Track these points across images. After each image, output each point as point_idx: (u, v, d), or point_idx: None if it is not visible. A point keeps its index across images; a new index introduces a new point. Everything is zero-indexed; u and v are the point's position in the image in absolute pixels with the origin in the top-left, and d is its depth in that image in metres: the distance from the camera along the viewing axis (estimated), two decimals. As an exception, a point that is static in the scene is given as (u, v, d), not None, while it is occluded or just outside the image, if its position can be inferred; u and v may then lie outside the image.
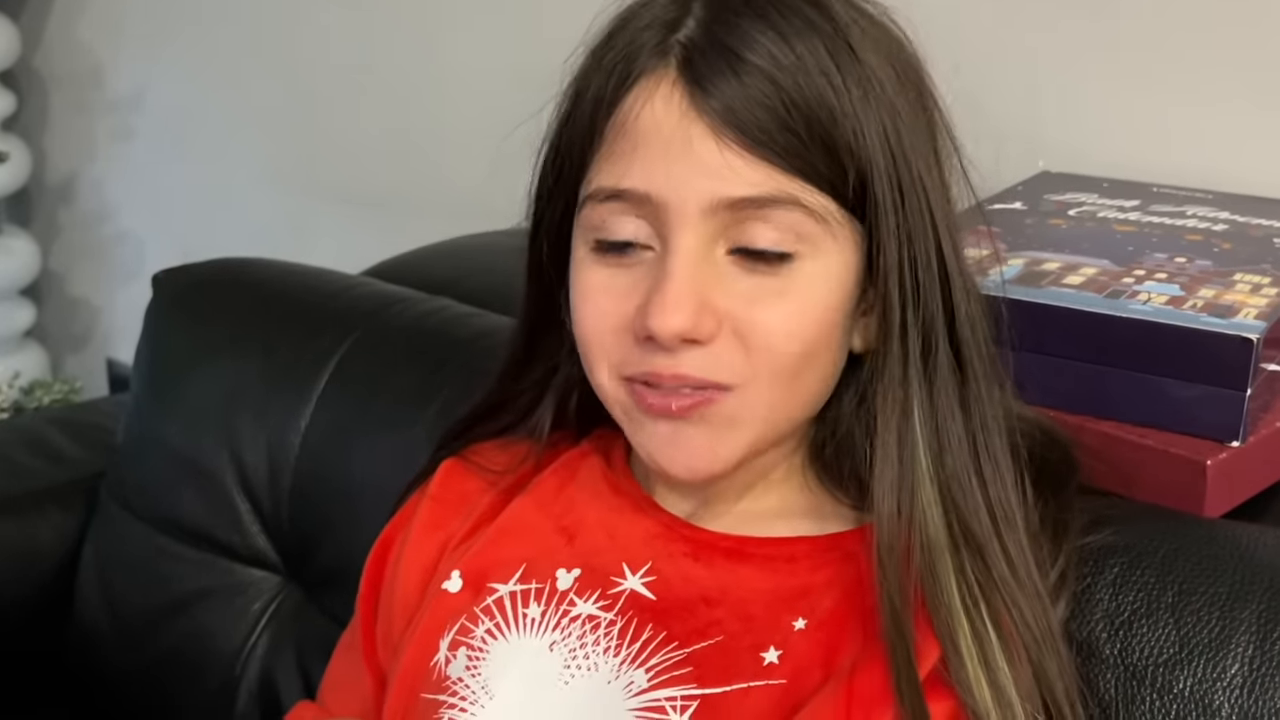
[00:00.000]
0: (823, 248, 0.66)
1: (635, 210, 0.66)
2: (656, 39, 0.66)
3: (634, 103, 0.65)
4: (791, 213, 0.64)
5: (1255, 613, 0.69)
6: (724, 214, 0.64)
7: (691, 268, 0.64)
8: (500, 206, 0.98)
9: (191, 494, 1.08)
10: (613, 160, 0.66)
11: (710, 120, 0.63)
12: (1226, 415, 0.76)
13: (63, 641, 1.15)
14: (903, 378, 0.66)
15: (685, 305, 0.64)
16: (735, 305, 0.65)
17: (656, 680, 0.67)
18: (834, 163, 0.64)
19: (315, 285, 1.12)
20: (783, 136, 0.63)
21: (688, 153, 0.64)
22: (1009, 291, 0.76)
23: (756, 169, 0.63)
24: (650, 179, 0.65)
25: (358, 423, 1.02)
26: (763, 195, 0.64)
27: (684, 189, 0.64)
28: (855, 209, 0.66)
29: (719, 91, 0.63)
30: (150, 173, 1.93)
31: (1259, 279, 0.83)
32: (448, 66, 1.56)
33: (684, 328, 0.64)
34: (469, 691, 0.70)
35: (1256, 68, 1.05)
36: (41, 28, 2.01)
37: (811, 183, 0.64)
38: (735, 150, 0.63)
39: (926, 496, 0.65)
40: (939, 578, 0.64)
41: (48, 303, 2.10)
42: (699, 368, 0.65)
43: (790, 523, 0.71)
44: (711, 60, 0.64)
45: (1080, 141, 1.11)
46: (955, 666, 0.63)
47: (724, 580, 0.69)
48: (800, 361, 0.66)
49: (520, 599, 0.72)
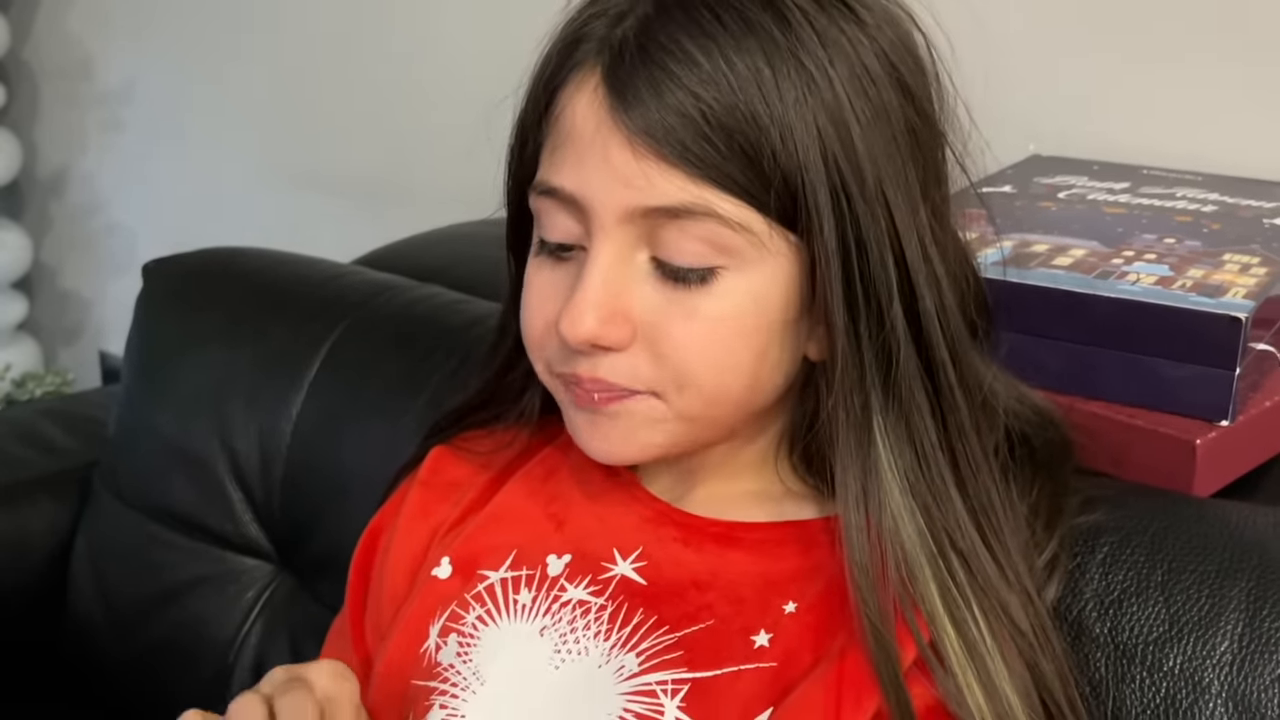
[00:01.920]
0: (748, 260, 0.64)
1: (566, 208, 0.65)
2: (600, 32, 0.65)
3: (565, 99, 0.65)
4: (705, 223, 0.62)
5: (1244, 590, 0.69)
6: (640, 222, 0.63)
7: (605, 275, 0.64)
8: (489, 195, 0.98)
9: (183, 483, 1.08)
10: (550, 153, 0.66)
11: (626, 130, 0.62)
12: (1216, 395, 0.76)
13: (57, 631, 1.15)
14: (859, 389, 0.64)
15: (593, 313, 0.64)
16: (649, 316, 0.64)
17: (647, 664, 0.67)
18: (756, 174, 0.62)
19: (305, 274, 1.12)
20: (698, 147, 0.61)
21: (605, 160, 0.63)
22: (996, 274, 0.76)
23: (671, 179, 0.62)
24: (574, 180, 0.64)
25: (349, 410, 1.02)
26: (676, 205, 0.62)
27: (602, 195, 0.63)
28: (786, 220, 0.63)
29: (637, 101, 0.62)
30: (141, 164, 1.93)
31: (1248, 259, 0.83)
32: (437, 55, 1.56)
33: (589, 335, 0.64)
34: (460, 678, 0.70)
35: (1245, 50, 1.05)
36: (31, 20, 2.01)
37: (730, 193, 0.62)
38: (650, 160, 0.62)
39: (896, 506, 0.64)
40: (919, 589, 0.63)
41: (39, 295, 2.10)
42: (615, 373, 0.65)
43: (776, 507, 0.71)
44: (635, 67, 0.62)
45: (1070, 125, 1.11)
46: (941, 679, 0.62)
47: (714, 564, 0.69)
48: (714, 380, 0.65)
49: (511, 585, 0.72)
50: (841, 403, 0.64)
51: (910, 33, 0.67)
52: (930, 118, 0.67)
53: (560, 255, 0.67)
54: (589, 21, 0.66)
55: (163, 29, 1.85)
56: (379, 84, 1.62)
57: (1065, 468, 0.73)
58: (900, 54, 0.66)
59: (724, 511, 0.71)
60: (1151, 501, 0.74)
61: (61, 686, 1.16)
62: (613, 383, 0.65)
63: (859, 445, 0.64)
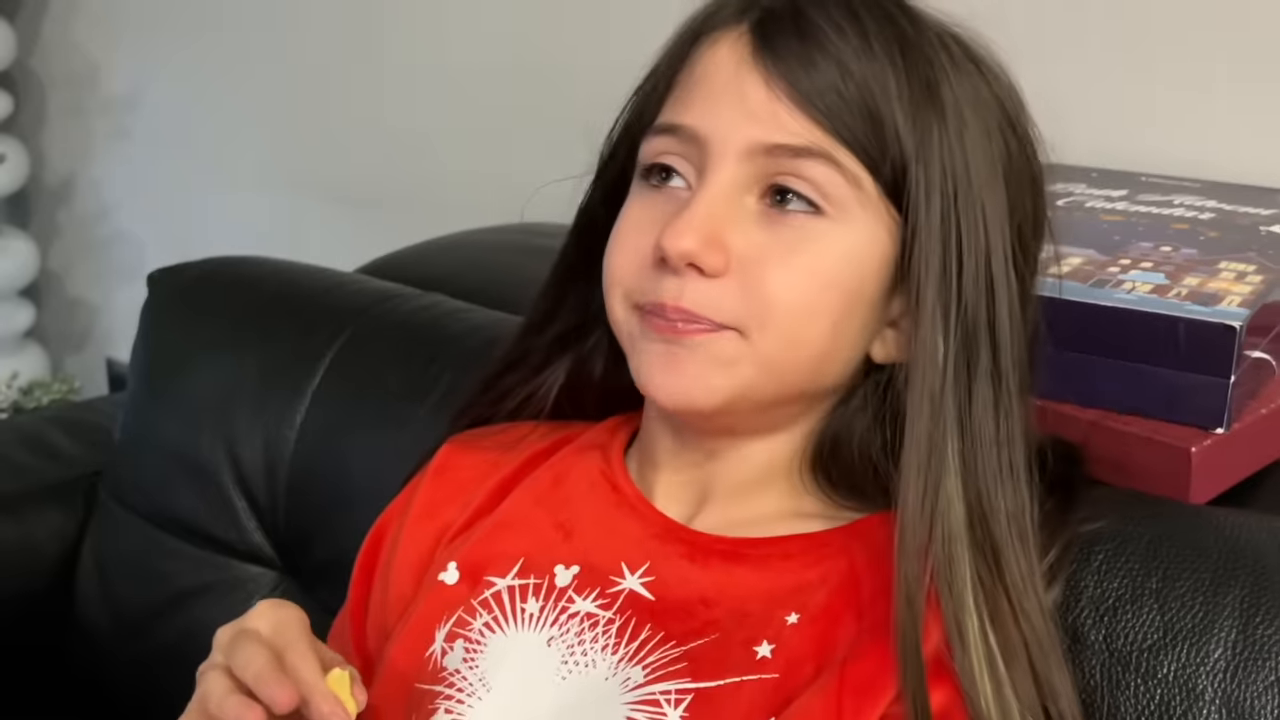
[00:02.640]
0: (850, 215, 0.67)
1: (683, 147, 0.68)
2: (742, 2, 0.69)
3: (703, 51, 0.69)
4: (824, 168, 0.66)
5: (1238, 598, 0.69)
6: (761, 160, 0.66)
7: (716, 201, 0.66)
8: (492, 204, 0.99)
9: (188, 491, 1.09)
10: (674, 99, 0.69)
11: (765, 71, 0.66)
12: (1211, 402, 0.76)
13: (63, 637, 1.16)
14: (940, 374, 0.66)
15: (698, 230, 0.66)
16: (747, 249, 0.66)
17: (652, 676, 0.68)
18: (877, 138, 0.66)
19: (309, 282, 1.13)
20: (830, 98, 0.65)
21: (739, 97, 0.66)
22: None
23: (799, 121, 0.66)
24: (700, 117, 0.68)
25: (352, 418, 1.03)
26: (800, 144, 0.66)
27: (727, 129, 0.66)
28: (893, 194, 0.67)
29: (781, 48, 0.66)
30: (147, 173, 1.94)
31: (1243, 267, 0.84)
32: (443, 64, 1.56)
33: (690, 249, 0.65)
34: (465, 683, 0.70)
35: (1245, 57, 1.06)
36: (37, 29, 2.02)
37: (849, 147, 0.66)
38: (783, 102, 0.66)
39: (951, 490, 0.65)
40: (955, 570, 0.64)
41: (47, 303, 2.11)
42: (700, 303, 0.66)
43: (784, 524, 0.72)
44: (782, 23, 0.67)
45: (1069, 132, 1.11)
46: (960, 655, 0.63)
47: (720, 581, 0.70)
48: (798, 323, 0.67)
49: (519, 593, 0.72)
50: (921, 384, 0.66)
51: (1008, 83, 0.71)
52: (1025, 157, 0.71)
53: (660, 191, 0.69)
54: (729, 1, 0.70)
55: (169, 38, 1.86)
56: (384, 93, 1.63)
57: (1077, 484, 0.74)
58: (1005, 93, 0.71)
59: (737, 533, 0.72)
60: (1147, 509, 0.75)
61: (68, 692, 1.17)
62: (696, 313, 0.66)
63: (932, 428, 0.66)
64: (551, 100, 0.75)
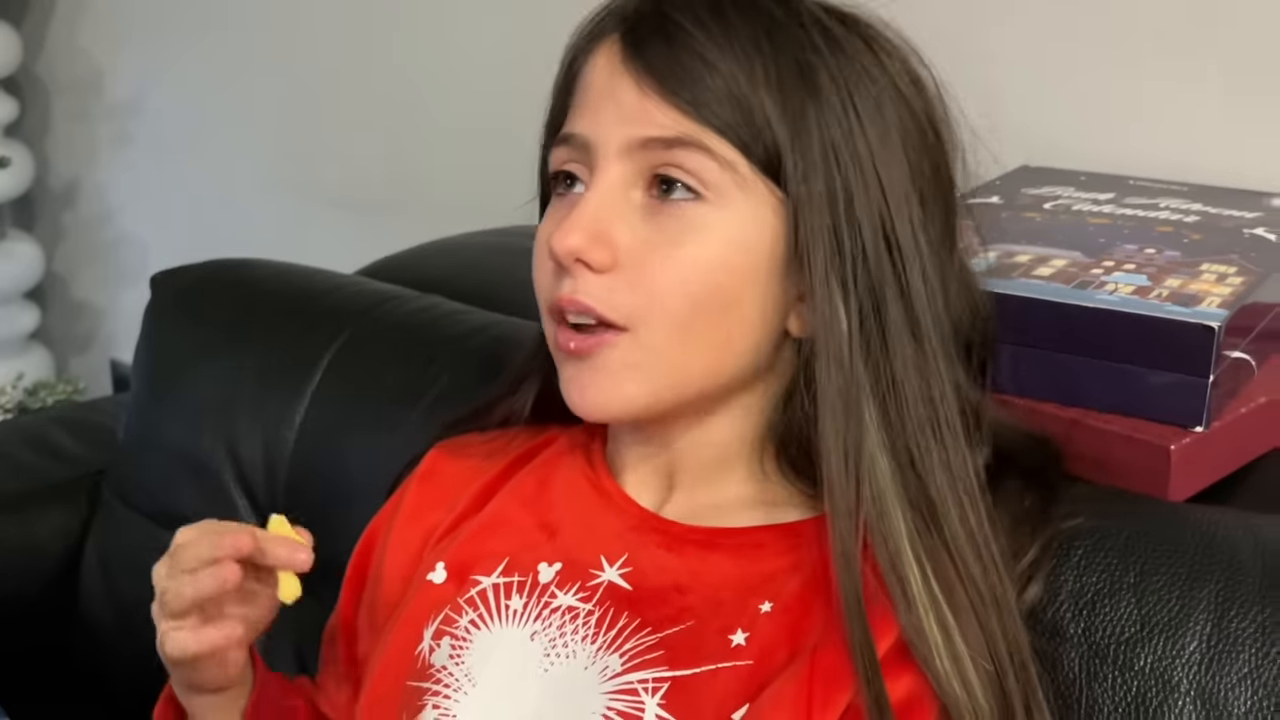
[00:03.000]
0: (730, 198, 0.69)
1: (577, 154, 0.71)
2: (620, 11, 0.72)
3: (585, 63, 0.72)
4: (695, 155, 0.68)
5: (1213, 592, 0.71)
6: (639, 155, 0.69)
7: (602, 200, 0.69)
8: (490, 206, 1.00)
9: (190, 490, 1.10)
10: (570, 111, 0.73)
11: (634, 73, 0.69)
12: (1190, 401, 0.78)
13: (67, 634, 1.17)
14: (845, 332, 0.67)
15: (584, 229, 0.69)
16: (632, 243, 0.69)
17: (629, 664, 0.69)
18: (746, 121, 0.68)
19: (308, 284, 1.14)
20: (697, 88, 0.68)
21: (614, 100, 0.70)
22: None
23: (668, 114, 0.68)
24: (585, 124, 0.71)
25: (350, 418, 1.04)
26: (670, 135, 0.68)
27: (607, 131, 0.70)
28: (771, 173, 0.69)
29: (647, 48, 0.69)
30: (151, 176, 1.95)
31: (1225, 268, 0.85)
32: (442, 68, 1.57)
33: (575, 246, 0.68)
34: (452, 679, 0.72)
35: (1233, 61, 1.06)
36: (43, 34, 2.03)
37: (720, 133, 0.68)
38: (652, 98, 0.69)
39: (872, 447, 0.67)
40: (888, 525, 0.66)
41: (52, 305, 2.12)
42: (593, 296, 0.69)
43: (756, 512, 0.73)
44: (649, 25, 0.70)
45: (1059, 136, 1.13)
46: (904, 611, 0.65)
47: (695, 567, 0.71)
48: (694, 310, 0.69)
49: (503, 591, 0.74)
50: (824, 346, 0.68)
51: (911, 61, 0.72)
52: (924, 126, 0.71)
53: (568, 196, 0.72)
54: (611, 8, 0.73)
55: (173, 44, 1.87)
56: (384, 97, 1.64)
57: (1055, 481, 0.75)
58: (899, 69, 0.71)
59: (708, 520, 0.73)
60: (1125, 505, 0.76)
61: (72, 689, 1.18)
62: (589, 305, 0.69)
63: (843, 386, 0.67)
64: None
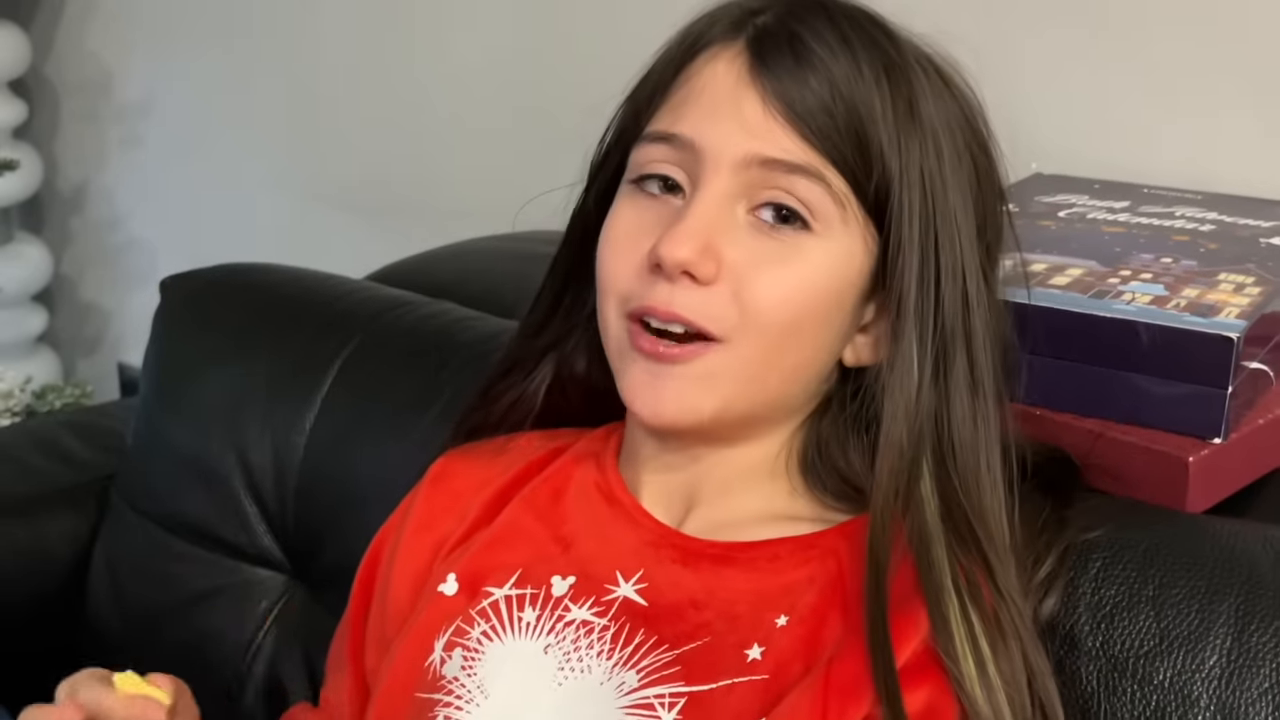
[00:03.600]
0: (834, 231, 0.69)
1: (677, 156, 0.71)
2: (735, 17, 0.72)
3: (701, 64, 0.71)
4: (814, 186, 0.69)
5: (1233, 606, 0.70)
6: (754, 171, 0.69)
7: (710, 211, 0.69)
8: (501, 211, 1.00)
9: (199, 495, 1.10)
10: (670, 108, 0.72)
11: (762, 89, 0.69)
12: (1208, 413, 0.77)
13: (75, 638, 1.17)
14: (916, 378, 0.68)
15: (695, 239, 0.68)
16: (739, 259, 0.69)
17: (646, 680, 0.69)
18: (863, 159, 0.69)
19: (319, 289, 1.14)
20: (823, 118, 0.68)
21: (735, 111, 0.69)
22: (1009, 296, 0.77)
23: (792, 139, 0.69)
24: (697, 128, 0.70)
25: (361, 424, 1.04)
26: (793, 161, 0.69)
27: (723, 141, 0.69)
28: (874, 213, 0.69)
29: (777, 67, 0.69)
30: (160, 180, 1.95)
31: (1242, 278, 0.85)
32: (452, 73, 1.57)
33: (687, 258, 0.68)
34: (465, 690, 0.72)
35: (1248, 69, 1.06)
36: (52, 36, 2.03)
37: (837, 167, 0.69)
38: (778, 119, 0.69)
39: (925, 490, 0.68)
40: (934, 562, 0.66)
41: (60, 308, 2.12)
42: (691, 309, 0.69)
43: (774, 526, 0.73)
44: (778, 42, 0.70)
45: (1073, 144, 1.12)
46: (944, 639, 0.65)
47: (710, 583, 0.71)
48: (786, 331, 0.69)
49: (516, 603, 0.74)
50: (897, 387, 0.68)
51: (974, 104, 0.74)
52: (990, 175, 0.73)
53: (653, 198, 0.71)
54: (721, 14, 0.73)
55: (182, 46, 1.87)
56: (394, 101, 1.64)
57: (1073, 492, 0.75)
58: (972, 114, 0.73)
59: (725, 536, 0.73)
60: (1143, 517, 0.76)
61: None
62: (686, 317, 0.69)
63: (907, 429, 0.68)
64: (564, 106, 0.76)
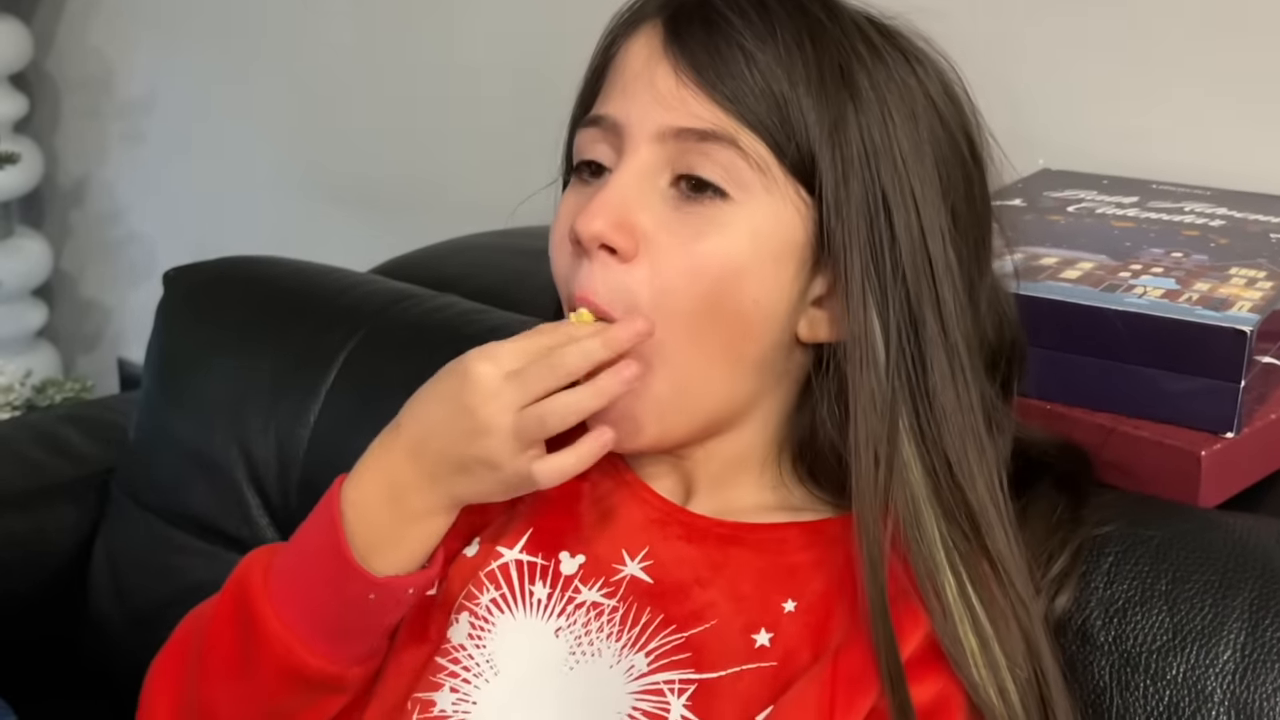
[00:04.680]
0: (756, 197, 0.68)
1: (605, 136, 0.71)
2: (660, 0, 0.72)
3: (623, 45, 0.72)
4: (728, 151, 0.68)
5: (1247, 600, 0.70)
6: (670, 143, 0.68)
7: (628, 184, 0.69)
8: (507, 205, 0.99)
9: (201, 488, 1.09)
10: (602, 93, 0.72)
11: (674, 60, 0.69)
12: (1221, 407, 0.77)
13: (75, 630, 1.16)
14: (881, 342, 0.67)
15: (609, 213, 0.68)
16: (657, 231, 0.68)
17: (656, 664, 0.69)
18: (781, 120, 0.68)
19: (323, 282, 1.14)
20: (733, 83, 0.68)
21: (649, 85, 0.69)
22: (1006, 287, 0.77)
23: (704, 105, 0.68)
24: (618, 106, 0.70)
25: (365, 417, 1.02)
26: (704, 128, 0.68)
27: (640, 115, 0.69)
28: (802, 176, 0.68)
29: (688, 38, 0.69)
30: (161, 174, 1.94)
31: (1254, 273, 0.84)
32: (456, 66, 1.57)
33: (600, 230, 0.68)
34: (473, 664, 0.71)
35: (1256, 65, 1.06)
36: (53, 31, 2.03)
37: (754, 130, 0.68)
38: (690, 87, 0.68)
39: (907, 457, 0.66)
40: (923, 535, 0.65)
41: (60, 303, 2.12)
42: (605, 291, 0.68)
43: (777, 514, 0.73)
44: (692, 13, 0.70)
45: (1080, 139, 1.12)
46: (940, 621, 0.64)
47: (715, 559, 0.71)
48: (704, 308, 0.68)
49: (527, 572, 0.73)
50: (860, 355, 0.67)
51: (948, 76, 0.72)
52: (960, 140, 0.71)
53: (590, 179, 0.71)
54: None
55: (183, 41, 1.86)
56: (397, 94, 1.63)
57: (1085, 486, 0.75)
58: (936, 85, 0.71)
59: (730, 516, 0.73)
60: (1156, 512, 0.75)
61: (79, 686, 1.17)
62: (595, 301, 0.68)
63: (879, 396, 0.66)
64: (568, 100, 0.76)
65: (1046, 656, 0.66)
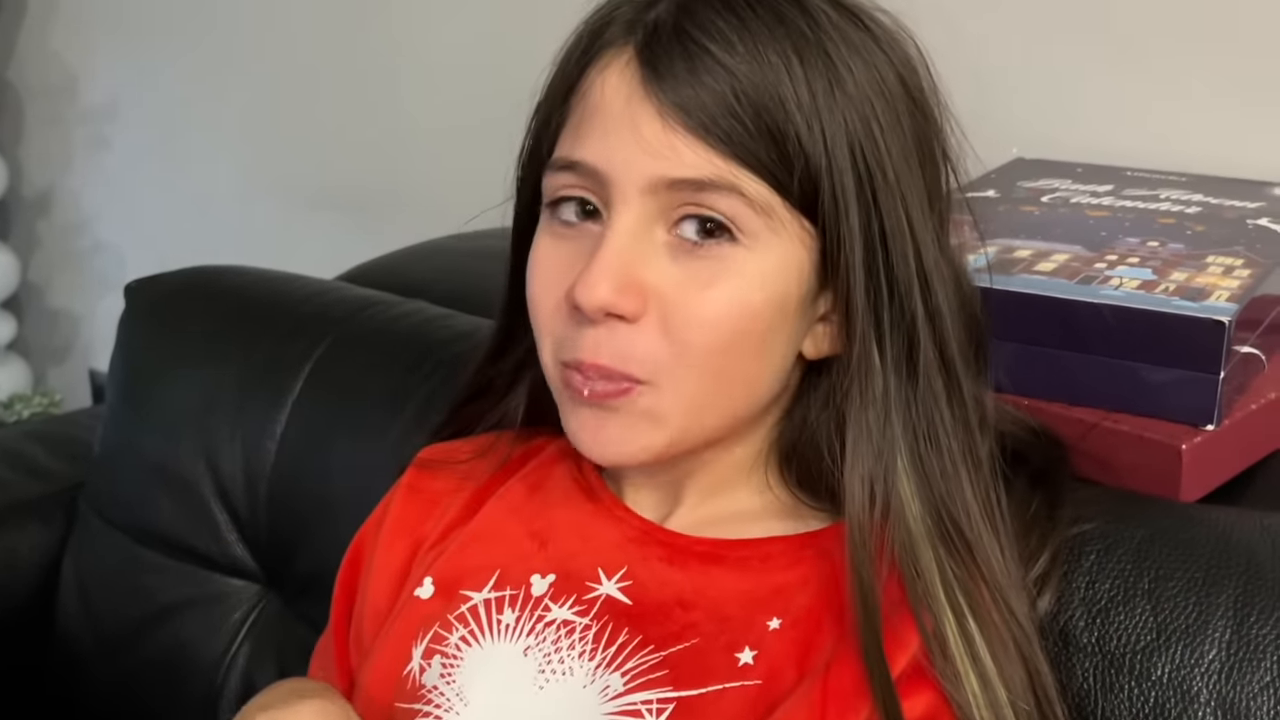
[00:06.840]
0: (761, 241, 0.65)
1: (585, 182, 0.66)
2: (629, 15, 0.67)
3: (594, 75, 0.66)
4: (729, 199, 0.64)
5: (1231, 597, 0.68)
6: (664, 194, 0.64)
7: (625, 243, 0.64)
8: (473, 210, 0.98)
9: (169, 504, 1.07)
10: (571, 130, 0.67)
11: (658, 102, 0.64)
12: (1200, 399, 0.76)
13: (44, 654, 1.14)
14: (880, 374, 0.65)
15: (611, 277, 0.64)
16: (664, 285, 0.64)
17: (632, 684, 0.67)
18: (780, 155, 0.64)
19: (288, 291, 1.12)
20: (726, 123, 0.63)
21: (633, 131, 0.64)
22: (980, 280, 0.75)
23: (698, 152, 0.63)
24: (598, 153, 0.65)
25: (333, 427, 1.02)
26: (701, 178, 0.63)
27: (626, 166, 0.64)
28: (806, 207, 0.65)
29: (670, 74, 0.64)
30: (127, 182, 1.92)
31: (1231, 261, 0.83)
32: (422, 71, 1.56)
33: (607, 300, 0.64)
34: (443, 699, 0.70)
35: (1228, 48, 1.05)
36: (13, 39, 2.00)
37: (754, 172, 0.64)
38: (679, 133, 0.63)
39: (904, 489, 0.65)
40: (922, 572, 0.63)
41: (28, 315, 2.09)
42: (617, 356, 0.65)
43: (762, 524, 0.71)
44: (669, 44, 0.64)
45: (1054, 127, 1.11)
46: (940, 661, 0.62)
47: (698, 582, 0.69)
48: (722, 356, 0.65)
49: (495, 606, 0.71)
50: (862, 391, 0.65)
51: (912, 54, 0.69)
52: (931, 134, 0.69)
53: (571, 230, 0.67)
54: (619, 6, 0.67)
55: (146, 47, 1.84)
56: (363, 100, 1.62)
57: (1061, 482, 0.73)
58: (908, 69, 0.68)
59: (713, 532, 0.71)
60: (1137, 508, 0.74)
61: (49, 709, 1.15)
62: (614, 369, 0.65)
63: (874, 431, 0.65)
64: (531, 102, 0.74)
65: (1051, 686, 0.64)
